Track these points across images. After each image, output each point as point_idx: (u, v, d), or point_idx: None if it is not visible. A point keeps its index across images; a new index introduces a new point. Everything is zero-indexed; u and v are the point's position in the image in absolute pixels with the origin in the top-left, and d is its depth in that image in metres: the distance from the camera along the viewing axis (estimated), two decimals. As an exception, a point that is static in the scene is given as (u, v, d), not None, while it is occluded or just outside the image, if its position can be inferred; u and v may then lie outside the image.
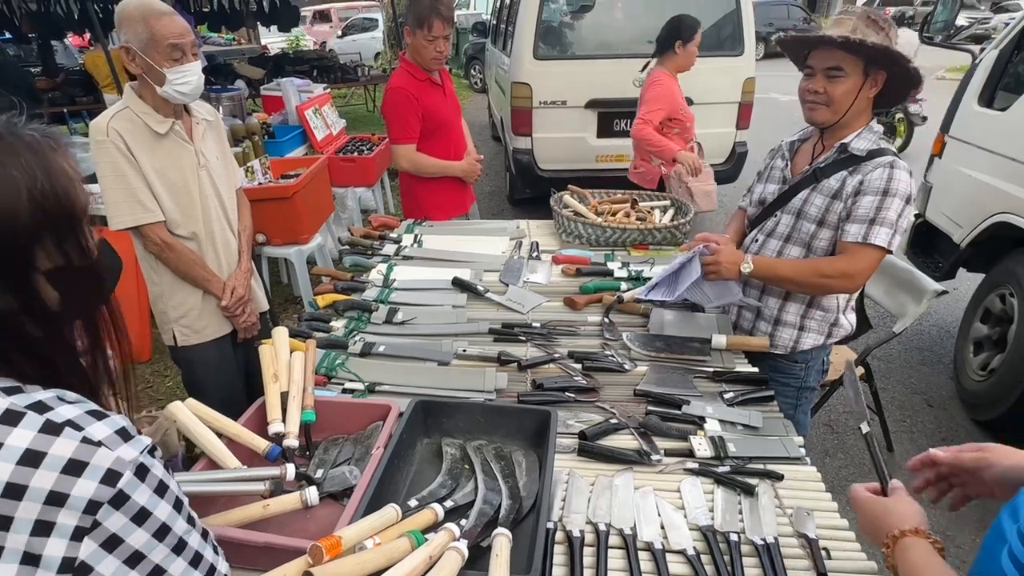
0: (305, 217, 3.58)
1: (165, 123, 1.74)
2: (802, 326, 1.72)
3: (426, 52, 2.51)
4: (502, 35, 5.85)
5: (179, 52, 1.67)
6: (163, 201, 1.75)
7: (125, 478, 0.61)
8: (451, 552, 0.90)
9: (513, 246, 2.42)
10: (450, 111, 2.74)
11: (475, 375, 1.56)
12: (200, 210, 1.83)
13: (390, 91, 2.63)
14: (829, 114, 1.57)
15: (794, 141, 1.79)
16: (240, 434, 1.19)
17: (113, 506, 0.60)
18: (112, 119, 1.68)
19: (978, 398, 2.86)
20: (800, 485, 1.24)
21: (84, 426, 0.61)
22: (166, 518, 0.65)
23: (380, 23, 16.37)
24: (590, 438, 1.34)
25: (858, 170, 1.57)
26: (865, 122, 1.61)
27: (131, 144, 1.68)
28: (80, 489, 0.59)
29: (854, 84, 1.53)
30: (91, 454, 0.60)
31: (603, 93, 4.50)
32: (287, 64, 8.85)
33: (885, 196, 1.51)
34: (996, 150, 2.87)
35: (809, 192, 1.65)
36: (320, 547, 0.83)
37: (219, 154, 1.93)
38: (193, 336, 1.91)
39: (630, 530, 1.11)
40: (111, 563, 0.61)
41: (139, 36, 1.64)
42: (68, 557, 0.58)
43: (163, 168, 1.74)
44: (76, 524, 0.58)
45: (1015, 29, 2.95)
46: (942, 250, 3.28)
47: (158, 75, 1.67)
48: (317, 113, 4.89)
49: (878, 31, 1.50)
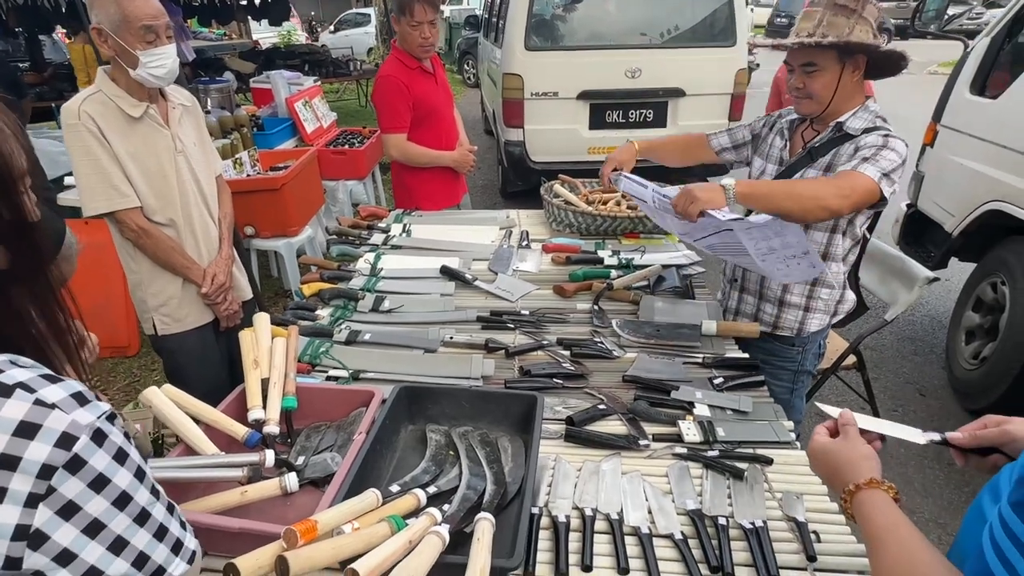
0: (294, 209, 3.54)
1: (139, 107, 1.69)
2: (807, 307, 1.71)
3: (411, 39, 2.48)
4: (494, 28, 5.82)
5: (153, 34, 1.63)
6: (138, 186, 1.71)
7: (81, 442, 0.58)
8: (431, 536, 0.88)
9: (503, 235, 2.40)
10: (442, 100, 2.70)
11: (462, 362, 1.54)
12: (178, 196, 1.79)
13: (380, 79, 2.59)
14: (815, 106, 1.60)
15: (794, 119, 1.77)
16: (218, 420, 1.17)
17: (69, 471, 0.57)
18: (84, 102, 1.64)
19: (970, 387, 2.85)
20: (790, 469, 1.23)
21: (36, 388, 0.58)
22: (126, 486, 0.62)
23: (373, 18, 16.27)
24: (577, 424, 1.32)
25: (853, 141, 1.57)
26: (860, 102, 1.61)
27: (104, 128, 1.64)
28: (33, 452, 0.56)
29: (832, 75, 1.54)
30: (44, 416, 0.57)
31: (595, 84, 4.48)
32: (278, 58, 8.78)
33: (882, 148, 1.50)
34: (988, 138, 2.86)
35: (804, 171, 1.65)
36: (295, 531, 0.81)
37: (197, 140, 1.89)
38: (174, 325, 1.88)
39: (617, 515, 1.09)
40: (68, 532, 0.58)
41: (111, 17, 1.59)
42: (22, 524, 0.56)
43: (138, 153, 1.70)
44: (30, 490, 0.56)
45: (1007, 17, 2.94)
46: (934, 240, 3.27)
47: (131, 58, 1.62)
48: (307, 106, 4.85)
49: (848, 15, 1.48)
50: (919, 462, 2.59)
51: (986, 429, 0.87)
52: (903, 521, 0.76)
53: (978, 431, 0.87)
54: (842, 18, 1.48)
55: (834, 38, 1.48)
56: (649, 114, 4.59)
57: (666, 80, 4.50)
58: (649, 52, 4.55)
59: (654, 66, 4.48)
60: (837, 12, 1.49)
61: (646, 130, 4.63)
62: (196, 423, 1.16)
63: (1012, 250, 2.74)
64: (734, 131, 1.94)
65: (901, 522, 0.76)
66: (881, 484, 0.82)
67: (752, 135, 1.90)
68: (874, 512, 0.79)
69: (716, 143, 1.97)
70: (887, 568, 0.71)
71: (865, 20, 1.48)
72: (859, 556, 1.02)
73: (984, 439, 0.87)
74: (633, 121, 4.62)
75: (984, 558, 0.55)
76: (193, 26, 10.40)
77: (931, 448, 2.63)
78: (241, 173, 3.47)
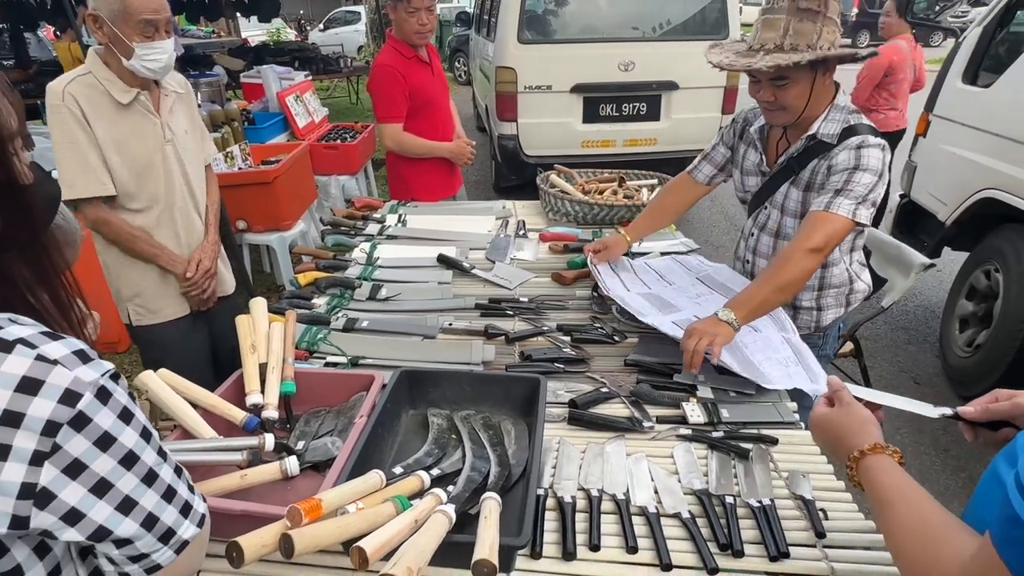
0: (286, 203, 3.51)
1: (129, 93, 1.64)
2: (819, 306, 1.69)
3: (408, 25, 2.43)
4: (486, 23, 5.80)
5: (152, 28, 1.58)
6: (118, 173, 1.66)
7: (85, 399, 0.56)
8: (438, 515, 0.86)
9: (499, 225, 2.38)
10: (438, 90, 2.67)
11: (462, 347, 1.52)
12: (163, 184, 1.74)
13: (376, 68, 2.55)
14: (787, 116, 1.51)
15: (763, 126, 1.67)
16: (216, 404, 1.14)
17: (74, 428, 0.55)
18: (70, 83, 1.58)
19: (964, 374, 2.87)
20: (795, 449, 1.22)
21: (38, 344, 0.56)
22: (133, 445, 0.60)
23: (363, 16, 16.20)
24: (580, 406, 1.31)
25: (828, 156, 1.50)
26: (829, 100, 1.52)
27: (88, 111, 1.59)
28: (36, 409, 0.54)
29: (805, 84, 1.45)
30: (47, 372, 0.55)
31: (588, 78, 4.47)
32: (268, 55, 8.69)
33: (854, 171, 1.42)
34: (981, 127, 2.88)
35: (788, 186, 1.60)
36: (299, 509, 0.79)
37: (189, 127, 1.85)
38: (148, 316, 1.83)
39: (623, 495, 1.08)
40: (76, 490, 0.57)
41: (110, 5, 1.54)
42: (28, 483, 0.54)
43: (123, 139, 1.65)
44: (35, 448, 0.54)
45: (998, 6, 2.95)
46: (927, 229, 3.29)
47: (125, 48, 1.58)
48: (298, 100, 4.81)
49: (814, 18, 1.37)
50: (915, 448, 2.60)
51: (998, 403, 0.87)
52: (911, 482, 0.75)
53: (990, 405, 0.87)
54: (808, 23, 1.37)
55: (807, 51, 1.37)
56: (643, 107, 4.59)
57: (659, 73, 4.49)
58: (642, 45, 4.54)
59: (647, 59, 4.47)
60: (802, 17, 1.37)
61: (640, 123, 4.63)
62: (193, 408, 1.13)
63: (1006, 237, 2.76)
64: (712, 154, 1.85)
65: (908, 483, 0.75)
66: (886, 448, 0.82)
67: (728, 148, 1.82)
68: (881, 475, 0.78)
69: (702, 176, 1.85)
70: (899, 528, 0.71)
71: (831, 19, 1.39)
72: (867, 532, 1.02)
73: (996, 412, 0.86)
74: (627, 114, 4.62)
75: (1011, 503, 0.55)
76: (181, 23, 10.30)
77: (927, 435, 2.66)
78: (232, 167, 3.43)
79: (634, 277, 1.84)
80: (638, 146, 4.66)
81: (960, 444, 2.59)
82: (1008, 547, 0.54)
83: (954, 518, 0.68)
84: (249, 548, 0.75)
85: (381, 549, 0.78)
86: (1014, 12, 2.94)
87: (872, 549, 0.99)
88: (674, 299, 1.69)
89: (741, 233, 1.88)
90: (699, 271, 1.88)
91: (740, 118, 1.79)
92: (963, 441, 0.95)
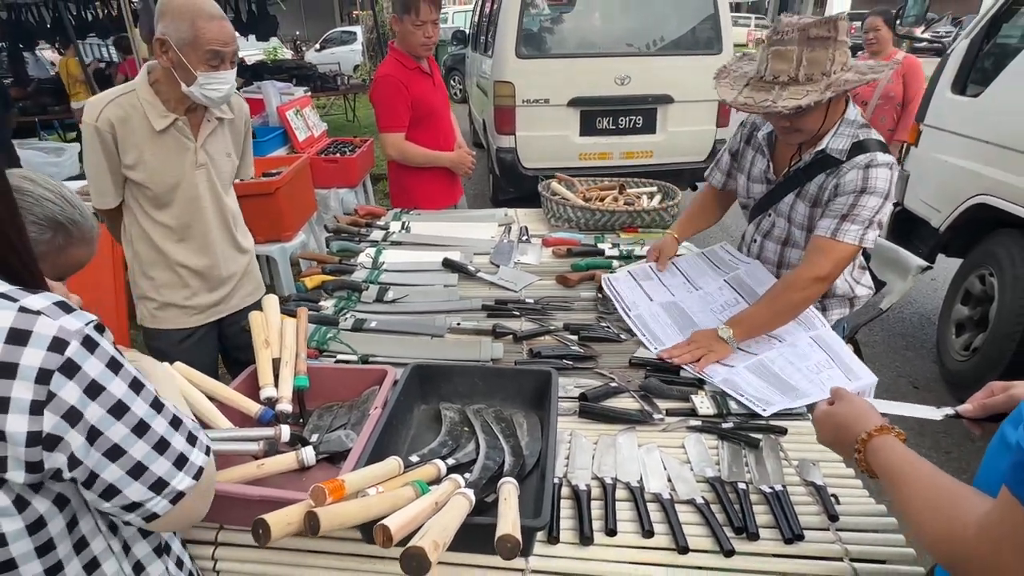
0: (288, 214, 3.53)
1: (167, 118, 1.64)
2: (824, 307, 1.71)
3: (414, 38, 2.48)
4: (483, 40, 5.89)
5: (218, 59, 1.57)
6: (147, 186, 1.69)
7: (72, 347, 0.59)
8: (458, 497, 0.87)
9: (502, 231, 2.40)
10: (439, 100, 2.71)
11: (471, 345, 1.53)
12: (189, 208, 1.76)
13: (379, 78, 2.59)
14: (803, 137, 1.52)
15: (771, 132, 1.66)
16: (231, 397, 1.15)
17: (65, 375, 0.58)
18: (109, 105, 1.59)
19: (961, 378, 2.89)
20: (804, 439, 1.23)
21: (18, 298, 0.59)
22: (122, 395, 0.62)
23: (359, 35, 16.38)
24: (591, 400, 1.32)
25: (836, 172, 1.50)
26: (840, 113, 1.51)
27: (121, 135, 1.60)
28: (28, 358, 0.56)
29: (820, 110, 1.44)
30: (32, 322, 0.57)
31: (585, 91, 4.53)
32: (266, 73, 8.77)
33: (861, 194, 1.44)
34: (971, 135, 2.94)
35: (795, 197, 1.61)
36: (323, 488, 0.80)
37: (233, 150, 1.85)
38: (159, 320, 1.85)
39: (637, 483, 1.09)
40: (75, 437, 0.60)
41: (181, 33, 1.53)
42: (32, 431, 0.57)
43: (153, 162, 1.66)
44: (32, 398, 0.57)
45: (985, 18, 3.04)
46: (921, 236, 3.34)
47: (188, 75, 1.57)
48: (298, 114, 4.85)
49: (825, 45, 1.35)
50: (917, 451, 2.60)
51: (993, 396, 0.89)
52: (918, 457, 0.77)
53: (986, 400, 0.89)
54: (820, 51, 1.35)
55: (822, 78, 1.35)
56: (639, 120, 4.65)
57: (655, 87, 4.56)
58: (638, 60, 4.62)
59: (643, 73, 4.55)
60: (814, 47, 1.35)
61: (636, 136, 4.69)
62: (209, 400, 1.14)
63: (1000, 242, 2.81)
64: (719, 161, 1.88)
65: (916, 458, 0.77)
66: (892, 429, 0.83)
67: (731, 154, 1.85)
68: (891, 454, 0.79)
69: (716, 181, 1.90)
70: (913, 498, 0.72)
71: (842, 42, 1.36)
72: (879, 516, 1.03)
73: (992, 407, 0.89)
74: (623, 128, 4.68)
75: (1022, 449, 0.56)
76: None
77: (928, 435, 2.67)
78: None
79: (657, 284, 1.80)
80: (635, 158, 4.72)
81: (961, 446, 2.60)
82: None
83: (965, 485, 0.70)
84: (276, 525, 0.75)
85: (405, 527, 0.78)
86: (999, 25, 3.02)
87: (883, 532, 1.00)
88: (696, 314, 1.66)
89: (742, 239, 1.91)
90: (729, 270, 1.81)
91: (748, 122, 1.79)
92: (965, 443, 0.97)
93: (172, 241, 1.77)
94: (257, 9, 9.27)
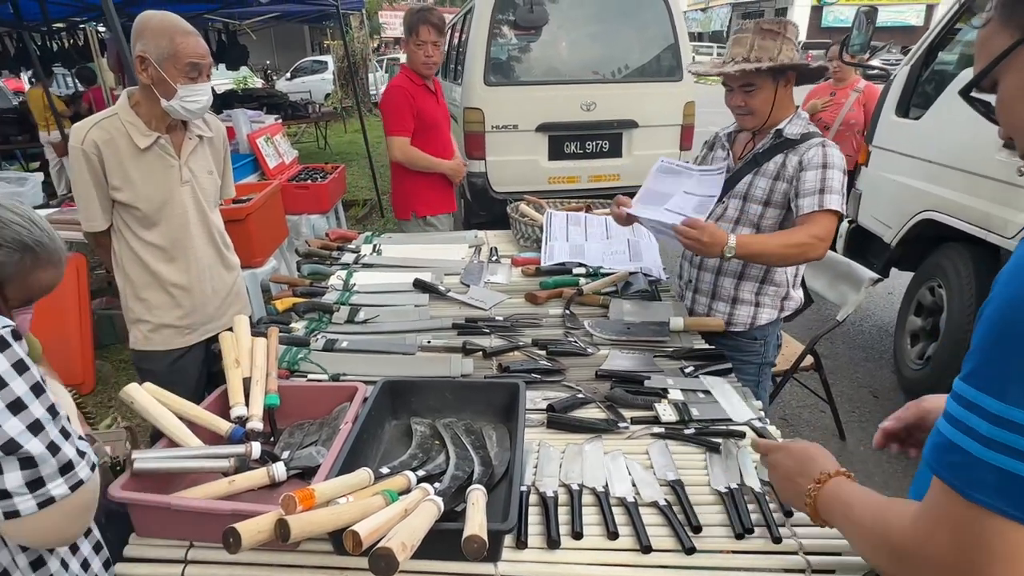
0: (258, 240, 3.53)
1: (148, 137, 1.72)
2: (757, 303, 1.81)
3: (416, 57, 2.80)
4: (452, 68, 6.01)
5: (196, 71, 1.68)
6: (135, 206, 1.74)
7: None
8: (427, 503, 0.90)
9: (472, 252, 2.45)
10: (441, 116, 3.02)
11: (441, 362, 1.56)
12: (176, 224, 1.81)
13: (390, 89, 2.93)
14: (755, 120, 1.75)
15: (731, 132, 1.91)
16: (200, 416, 1.16)
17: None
18: (93, 128, 1.67)
19: (918, 385, 3.01)
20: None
21: None
22: (22, 394, 0.67)
23: (330, 64, 16.52)
24: (558, 410, 1.36)
25: (794, 151, 1.70)
26: (792, 110, 1.76)
27: (106, 156, 1.68)
28: None
29: (768, 92, 1.69)
30: None
31: (552, 117, 4.66)
32: (236, 101, 8.77)
33: (826, 169, 1.64)
34: (915, 154, 3.12)
35: (752, 176, 1.77)
36: (293, 497, 0.82)
37: (214, 168, 1.92)
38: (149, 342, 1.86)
39: (602, 488, 1.12)
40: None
41: (160, 49, 1.63)
42: None
43: (139, 181, 1.73)
44: None
45: (923, 46, 3.24)
46: (875, 251, 3.49)
47: (169, 88, 1.66)
48: (269, 142, 4.87)
49: (774, 37, 1.64)
50: (877, 458, 2.70)
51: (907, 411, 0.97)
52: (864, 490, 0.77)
53: (900, 414, 0.97)
54: (770, 41, 1.64)
55: (769, 61, 1.63)
56: (605, 144, 4.79)
57: (620, 112, 4.71)
58: (603, 87, 4.77)
59: (608, 100, 4.70)
60: (765, 36, 1.64)
61: (603, 160, 4.82)
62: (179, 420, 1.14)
63: (946, 255, 2.96)
64: None
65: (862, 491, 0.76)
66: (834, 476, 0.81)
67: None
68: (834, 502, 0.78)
69: None
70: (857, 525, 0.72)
71: (789, 40, 1.64)
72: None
73: (904, 418, 0.96)
74: (590, 152, 4.81)
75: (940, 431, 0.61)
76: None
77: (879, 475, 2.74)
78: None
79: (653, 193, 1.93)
80: (602, 181, 4.84)
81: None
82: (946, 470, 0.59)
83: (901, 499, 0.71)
84: (247, 533, 0.77)
85: (375, 533, 0.81)
86: (936, 53, 3.23)
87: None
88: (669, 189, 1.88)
89: None
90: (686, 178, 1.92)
91: (713, 134, 2.00)
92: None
93: (163, 261, 1.82)
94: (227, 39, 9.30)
